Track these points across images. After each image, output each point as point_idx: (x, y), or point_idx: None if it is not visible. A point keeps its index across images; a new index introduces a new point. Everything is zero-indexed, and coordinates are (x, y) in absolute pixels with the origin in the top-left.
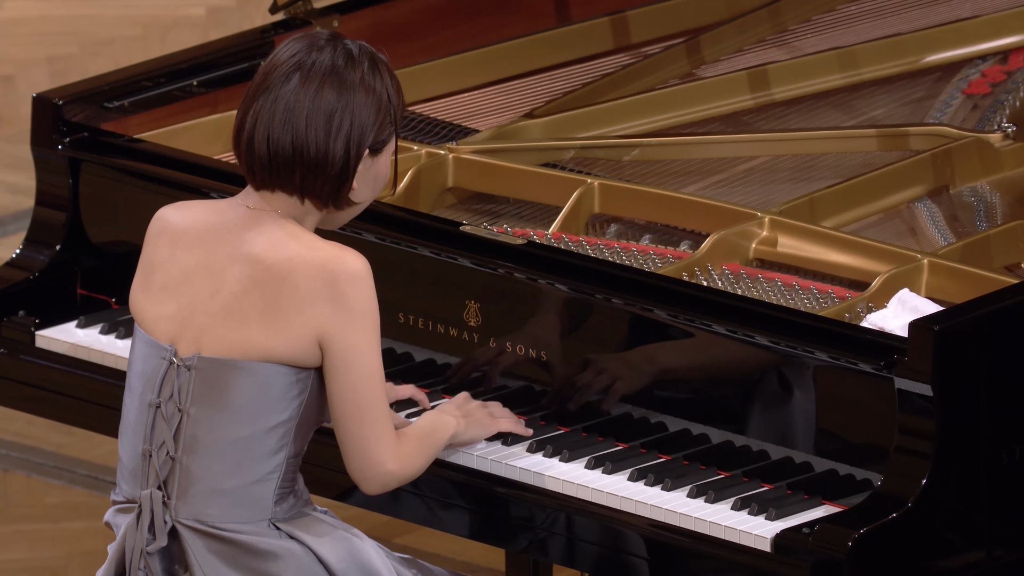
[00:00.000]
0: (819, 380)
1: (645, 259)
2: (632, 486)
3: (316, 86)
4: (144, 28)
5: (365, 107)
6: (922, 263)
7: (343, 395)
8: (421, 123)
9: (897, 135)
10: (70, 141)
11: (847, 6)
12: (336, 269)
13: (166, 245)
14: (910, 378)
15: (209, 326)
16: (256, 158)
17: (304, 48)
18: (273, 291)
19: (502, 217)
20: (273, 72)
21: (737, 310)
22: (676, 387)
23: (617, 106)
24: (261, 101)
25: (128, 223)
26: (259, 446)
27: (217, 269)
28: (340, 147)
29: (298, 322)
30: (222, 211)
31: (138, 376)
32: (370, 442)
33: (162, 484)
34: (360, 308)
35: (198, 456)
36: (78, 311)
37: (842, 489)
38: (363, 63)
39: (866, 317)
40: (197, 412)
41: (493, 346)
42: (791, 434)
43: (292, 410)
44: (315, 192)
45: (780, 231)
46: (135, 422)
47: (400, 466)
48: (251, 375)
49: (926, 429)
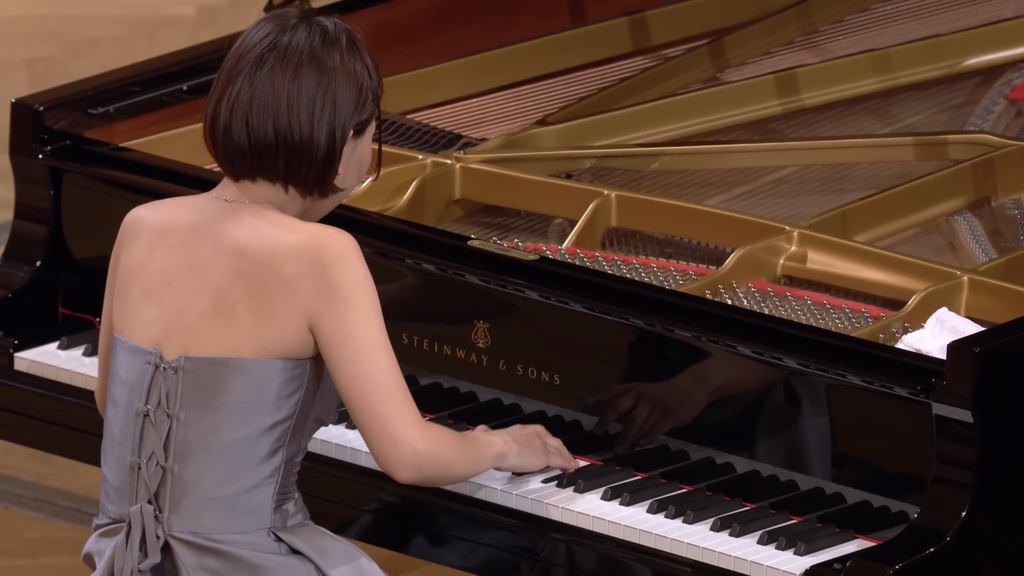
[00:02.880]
0: (851, 405)
1: (665, 276)
2: (652, 518)
3: (294, 68)
4: (130, 28)
5: (346, 88)
6: (962, 280)
7: (345, 375)
8: (426, 131)
9: (935, 143)
10: (51, 150)
11: (881, 6)
12: (320, 249)
13: (143, 248)
14: (949, 403)
15: (196, 326)
16: (235, 146)
17: (275, 29)
18: (258, 281)
19: (513, 231)
20: (245, 56)
21: (764, 330)
22: (699, 413)
23: (636, 112)
24: (236, 86)
25: (113, 238)
26: (255, 448)
27: (199, 267)
28: (324, 130)
29: (286, 309)
30: (199, 207)
31: (122, 386)
32: (388, 419)
33: (153, 497)
34: (350, 285)
35: (190, 463)
36: (60, 331)
37: (876, 522)
38: (341, 41)
39: (902, 338)
40: (187, 416)
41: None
42: (821, 463)
43: (289, 408)
44: (299, 178)
45: (810, 246)
46: (120, 435)
47: (429, 447)
48: (244, 373)
49: (966, 458)
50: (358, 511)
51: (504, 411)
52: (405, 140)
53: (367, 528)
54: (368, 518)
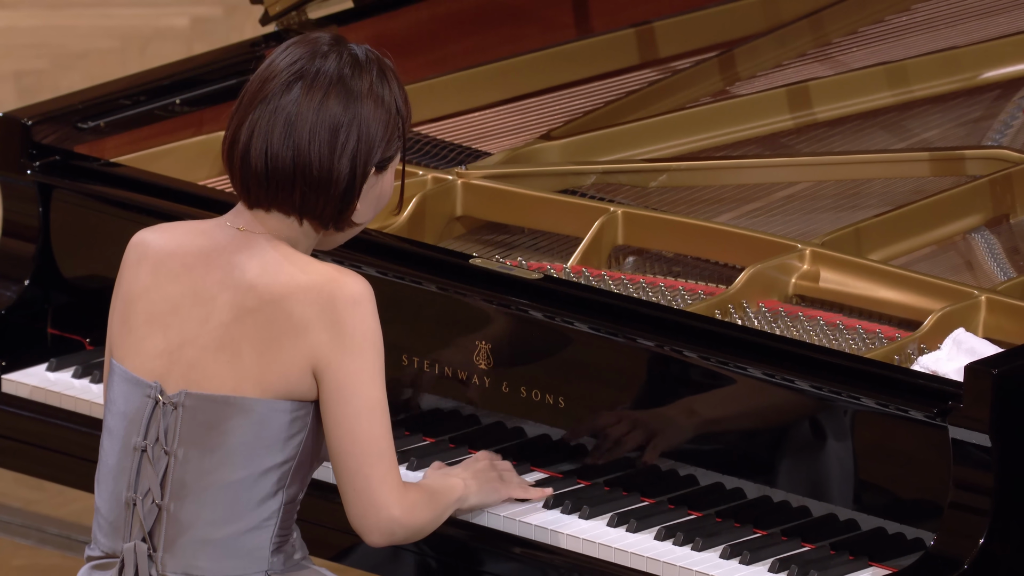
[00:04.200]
0: (865, 429)
1: (673, 295)
2: (660, 545)
3: (321, 96)
4: (122, 40)
5: (373, 120)
6: (979, 300)
7: (341, 430)
8: (427, 145)
9: (952, 159)
10: (40, 165)
11: (897, 17)
12: (333, 292)
13: (148, 273)
14: (966, 427)
15: (199, 360)
16: (252, 174)
17: (307, 54)
18: (266, 319)
19: (516, 249)
20: (272, 80)
21: (775, 351)
22: (707, 436)
23: (643, 127)
24: (259, 111)
25: (104, 256)
26: (254, 490)
27: (206, 297)
28: (346, 164)
29: (293, 350)
30: (209, 233)
31: (120, 417)
32: (372, 482)
33: (147, 535)
34: (360, 334)
35: (187, 502)
36: (49, 353)
37: (891, 549)
38: (371, 71)
39: (917, 360)
40: (186, 454)
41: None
42: (834, 489)
43: (290, 450)
44: (315, 212)
45: (823, 264)
46: (116, 468)
47: (406, 514)
48: (245, 412)
49: (983, 483)
50: (356, 538)
51: (507, 435)
52: (405, 154)
53: (366, 556)
54: (367, 546)
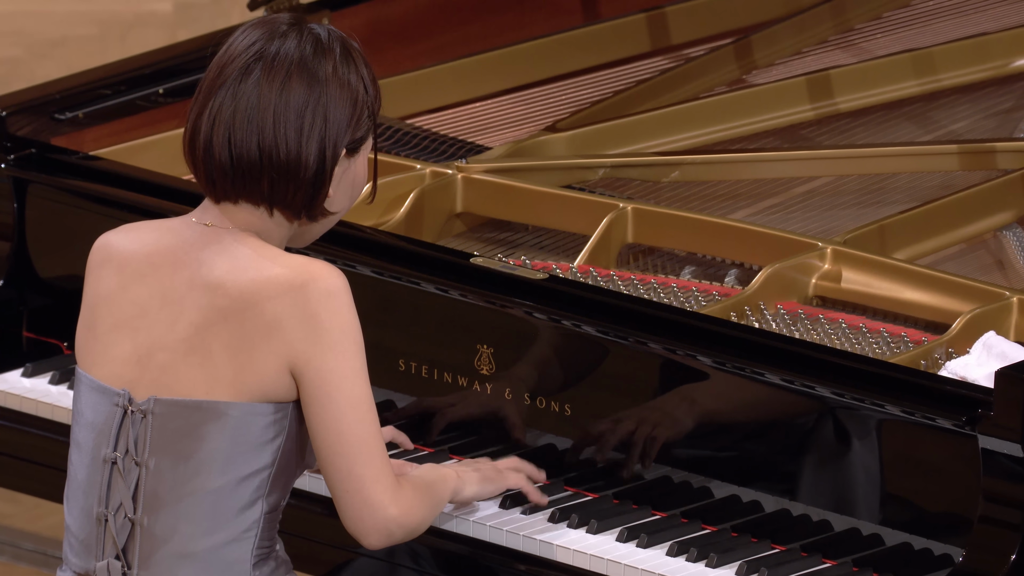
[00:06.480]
0: (890, 438)
1: (686, 297)
2: (672, 562)
3: (283, 79)
4: (101, 26)
5: (339, 102)
6: (1011, 301)
7: (327, 431)
8: (425, 138)
9: (982, 152)
10: (15, 159)
11: (923, 2)
12: (306, 285)
13: (112, 275)
14: (997, 436)
15: (170, 364)
16: (216, 165)
17: (264, 35)
18: (237, 317)
19: (519, 247)
20: (230, 64)
21: (794, 356)
22: (723, 447)
23: (654, 118)
24: (218, 98)
25: (82, 255)
26: (232, 499)
27: (175, 298)
28: (314, 148)
29: (267, 350)
30: (176, 231)
31: (87, 428)
32: (365, 482)
33: (121, 552)
34: (337, 328)
35: (161, 515)
36: (24, 357)
37: (917, 565)
38: (334, 51)
39: (945, 365)
40: (158, 464)
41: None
42: (858, 502)
43: (269, 455)
44: (286, 201)
45: (845, 264)
46: (85, 482)
47: (403, 512)
48: (219, 417)
49: (1015, 495)
50: (350, 553)
51: (511, 445)
52: (402, 148)
53: (359, 572)
54: (365, 562)
